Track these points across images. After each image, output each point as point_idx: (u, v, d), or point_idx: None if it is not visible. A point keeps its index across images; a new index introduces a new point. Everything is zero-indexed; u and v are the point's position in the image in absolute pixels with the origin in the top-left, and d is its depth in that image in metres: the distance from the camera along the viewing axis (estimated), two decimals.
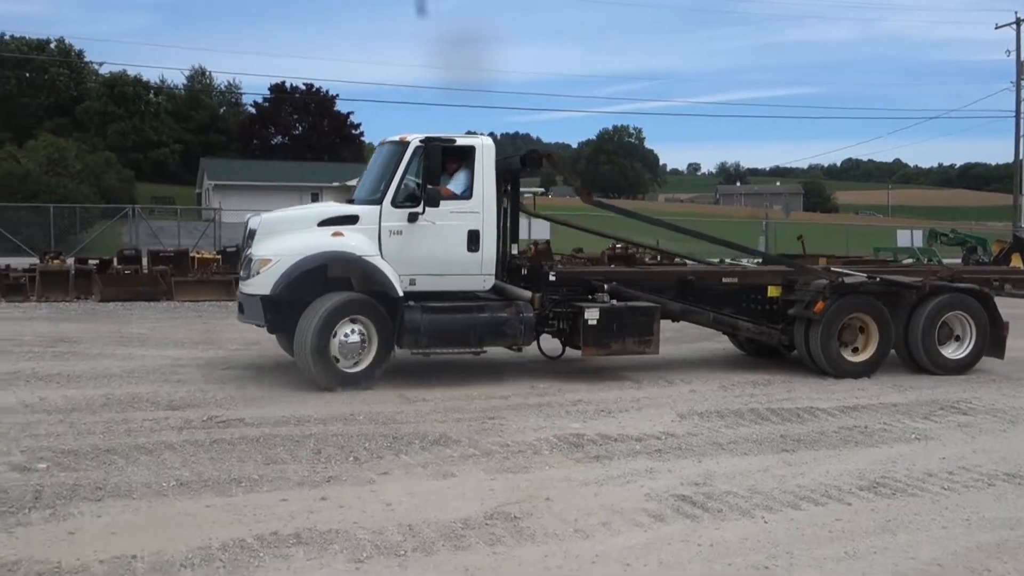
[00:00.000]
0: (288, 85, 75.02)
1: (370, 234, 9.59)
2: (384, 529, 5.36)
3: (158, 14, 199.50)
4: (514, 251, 10.89)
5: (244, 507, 5.71)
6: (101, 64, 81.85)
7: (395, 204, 9.67)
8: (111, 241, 32.58)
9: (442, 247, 9.80)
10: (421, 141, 9.71)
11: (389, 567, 4.83)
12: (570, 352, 10.84)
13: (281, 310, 9.49)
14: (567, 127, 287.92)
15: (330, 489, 6.14)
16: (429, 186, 9.59)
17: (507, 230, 10.76)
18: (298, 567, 4.78)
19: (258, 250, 9.60)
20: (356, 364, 9.38)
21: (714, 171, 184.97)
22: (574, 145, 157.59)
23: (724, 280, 11.29)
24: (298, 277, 9.29)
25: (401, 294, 9.54)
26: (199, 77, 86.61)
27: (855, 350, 10.99)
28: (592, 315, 10.00)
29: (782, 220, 39.65)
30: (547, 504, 5.92)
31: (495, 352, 11.76)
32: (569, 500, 6.02)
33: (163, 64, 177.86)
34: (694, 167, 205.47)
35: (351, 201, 10.51)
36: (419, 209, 9.61)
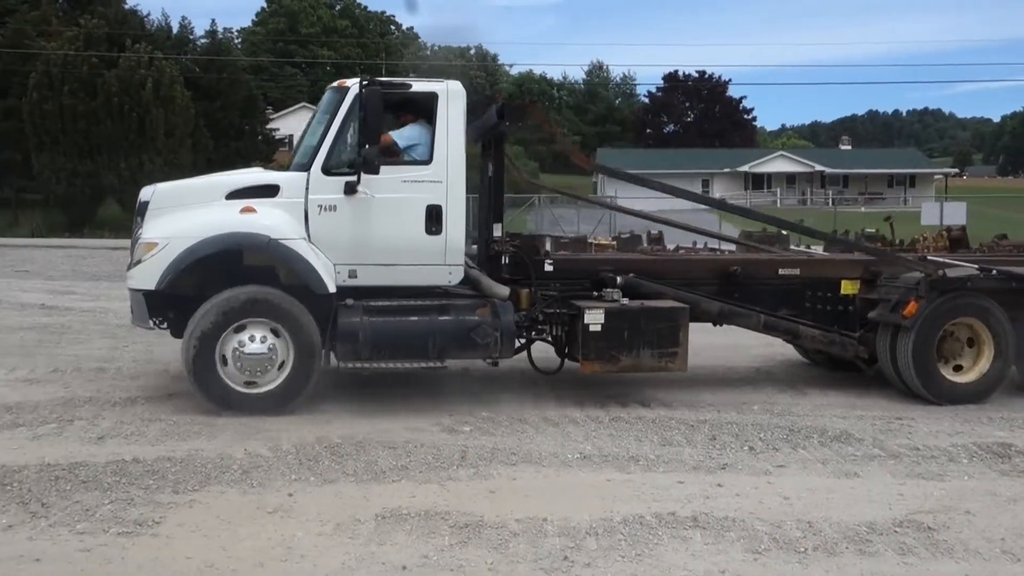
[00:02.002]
0: (681, 73, 75.96)
1: (293, 210, 7.54)
2: (782, 523, 5.23)
3: (561, 15, 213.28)
4: (497, 233, 8.38)
5: (642, 485, 5.92)
6: (512, 65, 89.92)
7: (327, 171, 7.59)
8: (518, 227, 35.47)
9: (391, 228, 7.65)
10: (361, 85, 7.56)
11: (789, 563, 4.71)
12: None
13: (178, 308, 7.72)
14: (986, 99, 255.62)
15: (725, 476, 6.14)
16: (367, 146, 7.41)
17: (488, 206, 8.55)
18: (696, 550, 4.85)
19: (146, 231, 7.65)
20: (262, 383, 7.43)
21: None
22: (995, 119, 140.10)
23: (781, 272, 8.90)
24: (190, 267, 7.37)
25: (333, 290, 7.52)
26: (597, 71, 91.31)
27: (958, 367, 8.47)
28: (594, 318, 7.83)
29: None
30: (967, 518, 5.37)
31: None
32: (994, 516, 5.41)
33: (565, 62, 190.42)
34: None
35: (285, 168, 8.38)
36: (355, 177, 7.54)
